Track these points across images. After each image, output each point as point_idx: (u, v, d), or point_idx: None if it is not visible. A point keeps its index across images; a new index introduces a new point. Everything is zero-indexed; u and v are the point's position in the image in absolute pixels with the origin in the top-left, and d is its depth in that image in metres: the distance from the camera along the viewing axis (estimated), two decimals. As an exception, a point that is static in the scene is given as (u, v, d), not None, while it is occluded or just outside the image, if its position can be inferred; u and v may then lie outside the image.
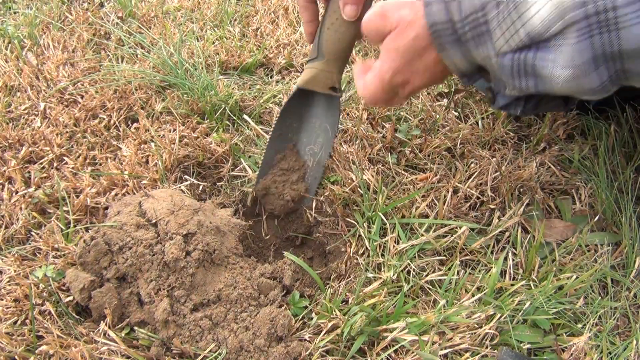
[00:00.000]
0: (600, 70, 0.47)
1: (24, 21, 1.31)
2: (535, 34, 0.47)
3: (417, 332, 0.68)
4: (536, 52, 0.49)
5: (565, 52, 0.47)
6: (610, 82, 0.48)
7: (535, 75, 0.50)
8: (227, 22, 1.35)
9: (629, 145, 1.00)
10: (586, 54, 0.46)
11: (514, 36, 0.49)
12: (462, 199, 0.89)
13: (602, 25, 0.44)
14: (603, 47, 0.45)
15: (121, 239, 0.71)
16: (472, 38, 0.53)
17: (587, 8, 0.43)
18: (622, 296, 0.79)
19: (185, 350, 0.68)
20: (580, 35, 0.45)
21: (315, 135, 0.89)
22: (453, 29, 0.54)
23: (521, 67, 0.51)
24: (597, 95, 0.50)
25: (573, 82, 0.48)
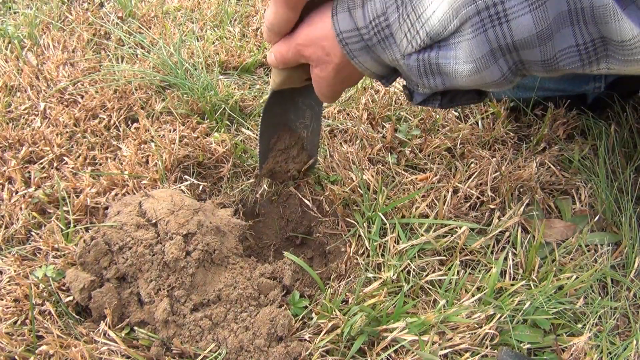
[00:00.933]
0: (500, 62, 0.49)
1: (24, 21, 1.31)
2: (435, 34, 0.49)
3: (417, 332, 0.68)
4: (438, 51, 0.51)
5: (464, 48, 0.49)
6: (511, 73, 0.50)
7: (441, 73, 0.53)
8: (227, 22, 1.35)
9: (629, 145, 1.00)
10: (483, 47, 0.48)
11: (416, 37, 0.51)
12: (462, 199, 0.89)
13: (494, 19, 0.46)
14: (498, 40, 0.47)
15: (121, 239, 0.71)
16: (377, 42, 0.55)
17: (478, 4, 0.45)
18: (622, 296, 0.79)
19: (185, 350, 0.68)
20: (475, 30, 0.47)
21: (302, 111, 0.87)
22: (359, 36, 0.56)
23: (427, 66, 0.53)
24: (501, 87, 0.53)
25: (476, 76, 0.51)
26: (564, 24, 0.44)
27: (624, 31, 0.42)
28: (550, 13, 0.43)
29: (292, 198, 0.92)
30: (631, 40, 0.42)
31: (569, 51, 0.46)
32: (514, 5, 0.44)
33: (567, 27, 0.44)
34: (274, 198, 0.92)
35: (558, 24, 0.44)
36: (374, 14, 0.54)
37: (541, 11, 0.44)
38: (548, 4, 0.43)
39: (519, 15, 0.44)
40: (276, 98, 0.81)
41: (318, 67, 0.64)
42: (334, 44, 0.59)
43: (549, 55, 0.47)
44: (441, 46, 0.50)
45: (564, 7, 0.43)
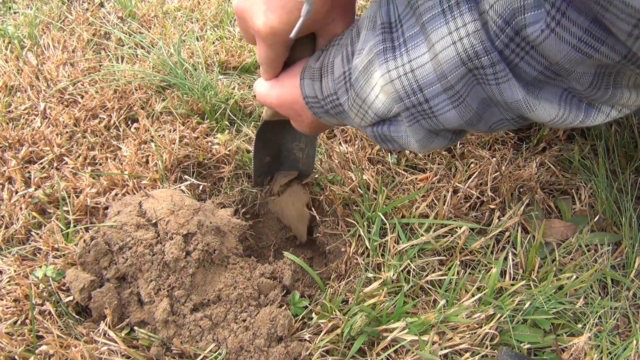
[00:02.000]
0: (441, 135, 0.53)
1: (24, 21, 1.31)
2: (382, 114, 0.53)
3: (417, 332, 0.68)
4: (390, 126, 0.55)
5: (405, 127, 0.53)
6: (457, 135, 0.54)
7: (396, 141, 0.57)
8: (227, 22, 1.35)
9: (629, 146, 1.00)
10: (420, 132, 0.52)
11: (366, 116, 0.55)
12: (462, 199, 0.89)
13: (422, 114, 0.49)
14: (431, 127, 0.51)
15: (121, 239, 0.71)
16: (335, 114, 0.59)
17: (405, 102, 0.49)
18: (622, 296, 0.79)
19: (185, 350, 0.68)
20: (409, 120, 0.51)
21: (297, 135, 0.88)
22: (321, 105, 0.60)
23: (382, 136, 0.57)
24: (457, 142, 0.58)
25: (426, 148, 0.55)
26: (489, 106, 0.47)
27: (542, 117, 0.44)
28: (472, 104, 0.47)
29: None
30: (552, 121, 0.45)
31: (501, 122, 0.49)
32: (438, 104, 0.47)
33: (492, 107, 0.47)
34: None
35: (483, 108, 0.47)
36: (327, 91, 0.58)
37: (464, 106, 0.47)
38: (468, 99, 0.46)
39: (445, 112, 0.48)
40: (269, 125, 0.82)
41: (293, 120, 0.69)
42: (303, 107, 0.63)
43: (484, 129, 0.51)
44: (392, 122, 0.54)
45: (483, 95, 0.46)
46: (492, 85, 0.44)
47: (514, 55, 0.41)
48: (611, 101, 0.44)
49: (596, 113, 0.45)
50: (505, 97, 0.44)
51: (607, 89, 0.42)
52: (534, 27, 0.37)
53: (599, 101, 0.44)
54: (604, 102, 0.44)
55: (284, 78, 0.65)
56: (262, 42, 0.59)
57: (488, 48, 0.41)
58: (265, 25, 0.55)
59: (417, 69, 0.46)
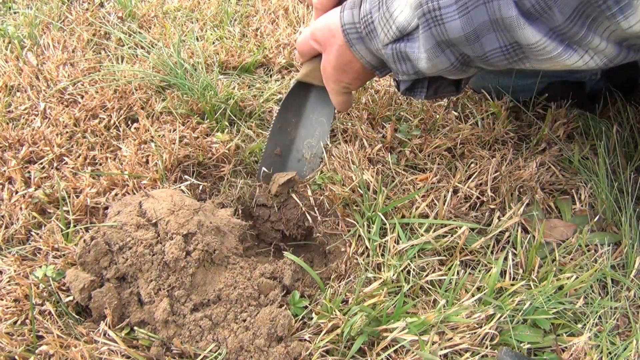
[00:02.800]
0: (446, 53, 0.63)
1: (24, 21, 1.31)
2: (402, 28, 0.65)
3: (417, 332, 0.68)
4: (406, 42, 0.67)
5: (420, 40, 0.64)
6: (459, 63, 0.65)
7: (409, 60, 0.68)
8: (227, 22, 1.35)
9: (629, 145, 1.00)
10: (430, 41, 0.63)
11: (389, 31, 0.67)
12: (462, 199, 0.89)
13: (435, 20, 0.60)
14: (439, 36, 0.61)
15: (121, 239, 0.71)
16: (366, 34, 0.71)
17: (423, 8, 0.60)
18: (622, 296, 0.79)
19: (185, 350, 0.68)
20: (423, 28, 0.62)
21: (312, 129, 0.94)
22: (355, 28, 0.73)
23: (398, 54, 0.69)
24: (459, 75, 0.69)
25: (430, 63, 0.66)
26: (488, 30, 0.58)
27: (527, 37, 0.55)
28: (474, 21, 0.57)
29: (292, 198, 0.91)
30: (535, 44, 0.56)
31: (495, 52, 0.60)
32: (448, 12, 0.59)
33: (490, 33, 0.58)
34: (274, 198, 0.92)
35: (482, 30, 0.58)
36: (364, 12, 0.71)
37: (467, 18, 0.58)
38: (472, 14, 0.57)
39: (451, 20, 0.59)
40: (296, 95, 0.91)
41: (325, 49, 0.80)
42: (339, 32, 0.75)
43: (480, 53, 0.61)
44: (408, 39, 0.66)
45: (485, 17, 0.57)
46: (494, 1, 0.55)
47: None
48: (584, 42, 0.54)
49: (572, 52, 0.56)
50: (503, 12, 0.55)
51: (582, 27, 0.53)
52: None
53: (574, 40, 0.54)
54: (578, 42, 0.55)
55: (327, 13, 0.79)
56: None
57: None
58: None
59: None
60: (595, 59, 0.56)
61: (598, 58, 0.56)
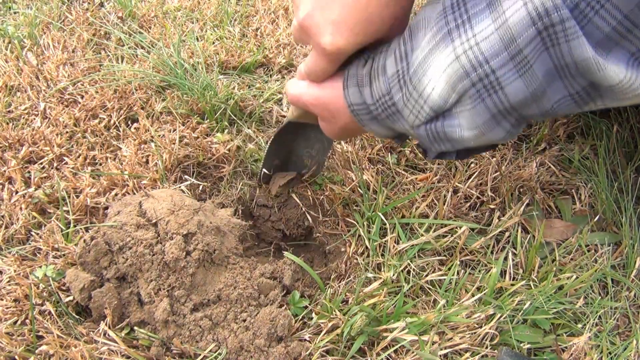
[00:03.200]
0: (502, 123, 0.53)
1: (24, 21, 1.31)
2: (438, 107, 0.53)
3: (417, 332, 0.68)
4: (444, 121, 0.54)
5: (466, 116, 0.52)
6: (514, 128, 0.54)
7: (449, 140, 0.56)
8: (227, 22, 1.35)
9: (629, 145, 1.00)
10: (484, 115, 0.51)
11: (421, 112, 0.55)
12: (462, 199, 0.89)
13: (488, 88, 0.49)
14: (496, 106, 0.50)
15: (121, 238, 0.71)
16: (386, 117, 0.60)
17: (471, 77, 0.49)
18: (622, 296, 0.79)
19: (185, 350, 0.68)
20: (473, 101, 0.51)
21: (311, 142, 0.89)
22: (368, 110, 0.61)
23: (435, 135, 0.57)
24: (509, 139, 0.56)
25: (482, 139, 0.54)
26: (554, 78, 0.47)
27: (609, 78, 0.44)
28: (539, 73, 0.47)
29: (292, 198, 0.92)
30: (619, 84, 0.45)
31: (564, 100, 0.49)
32: (505, 74, 0.47)
33: (557, 81, 0.47)
34: (274, 198, 0.92)
35: (548, 80, 0.47)
36: (379, 93, 0.58)
37: (530, 74, 0.47)
38: (535, 66, 0.46)
39: (511, 82, 0.48)
40: (290, 127, 0.83)
41: (324, 121, 0.70)
42: (341, 111, 0.64)
43: (546, 108, 0.50)
44: (446, 116, 0.54)
45: (550, 65, 0.46)
46: (562, 44, 0.44)
47: (589, 9, 0.42)
48: None
49: None
50: (575, 55, 0.44)
51: None
52: None
53: None
54: None
55: (323, 84, 0.66)
56: (323, 57, 0.61)
57: (558, 5, 0.42)
58: (332, 45, 0.58)
59: (483, 41, 0.47)
60: None
61: None
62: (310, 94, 0.67)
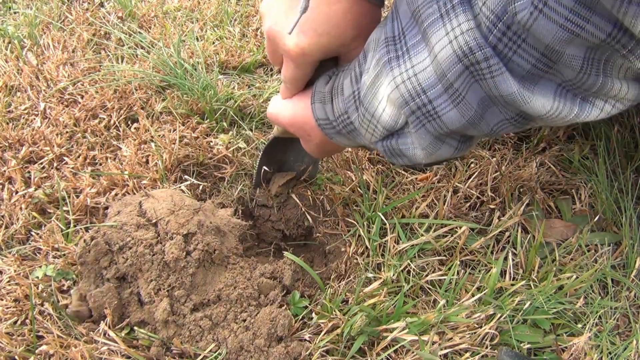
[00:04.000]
0: (448, 141, 0.55)
1: (24, 21, 1.31)
2: (390, 127, 0.56)
3: (417, 332, 0.68)
4: (398, 139, 0.58)
5: (413, 137, 0.56)
6: (463, 145, 0.56)
7: (404, 155, 0.59)
8: (227, 22, 1.35)
9: (629, 145, 1.00)
10: (427, 138, 0.54)
11: (376, 131, 0.58)
12: (462, 199, 0.89)
13: (427, 116, 0.52)
14: (436, 130, 0.53)
15: (121, 238, 0.71)
16: (347, 133, 0.63)
17: (410, 105, 0.51)
18: (622, 296, 0.79)
19: (185, 350, 0.68)
20: (415, 125, 0.53)
21: (301, 155, 0.90)
22: (332, 126, 0.64)
23: (392, 150, 0.60)
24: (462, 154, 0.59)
25: (431, 157, 0.57)
26: (488, 105, 0.49)
27: (536, 110, 0.46)
28: (472, 103, 0.48)
29: (291, 198, 0.92)
30: (547, 114, 0.47)
31: (503, 123, 0.51)
32: (441, 104, 0.50)
33: (492, 106, 0.49)
34: (274, 198, 0.92)
35: (483, 107, 0.49)
36: (339, 112, 0.61)
37: (464, 104, 0.49)
38: (467, 97, 0.48)
39: (447, 111, 0.50)
40: (277, 142, 0.85)
41: (302, 140, 0.72)
42: (313, 128, 0.67)
43: (487, 131, 0.52)
44: (399, 134, 0.57)
45: (482, 94, 0.48)
46: (487, 79, 0.46)
47: (507, 49, 0.43)
48: (603, 92, 0.45)
49: (590, 107, 0.46)
50: (501, 90, 0.45)
51: (597, 76, 0.43)
52: (523, 13, 0.40)
53: (591, 92, 0.45)
54: (596, 94, 0.45)
55: (298, 98, 0.68)
56: (290, 62, 0.63)
57: (481, 44, 0.43)
58: (297, 46, 0.59)
59: (420, 72, 0.49)
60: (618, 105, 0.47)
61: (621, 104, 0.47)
62: (285, 115, 0.70)
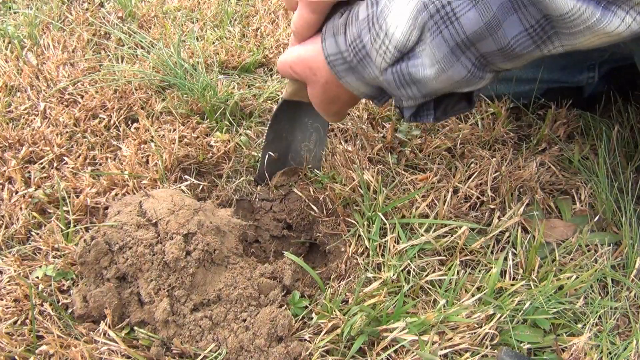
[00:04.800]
0: (462, 60, 0.54)
1: (24, 21, 1.31)
2: (402, 46, 0.55)
3: (417, 332, 0.68)
4: (408, 61, 0.56)
5: (427, 52, 0.54)
6: (476, 69, 0.55)
7: (414, 82, 0.58)
8: (227, 22, 1.35)
9: (629, 145, 1.01)
10: (443, 48, 0.53)
11: (387, 52, 0.57)
12: (462, 199, 0.89)
13: (445, 20, 0.51)
14: (453, 38, 0.52)
15: (121, 238, 0.71)
16: (358, 62, 0.61)
17: (429, 9, 0.51)
18: (622, 296, 0.79)
19: (185, 350, 0.68)
20: (432, 33, 0.52)
21: (308, 133, 0.90)
22: (343, 58, 0.62)
23: (401, 77, 0.58)
24: (474, 84, 0.58)
25: (443, 76, 0.56)
26: (509, 12, 0.48)
27: (559, 6, 0.46)
28: (491, 4, 0.48)
29: (293, 192, 0.91)
30: (569, 13, 0.46)
31: (521, 36, 0.50)
32: (460, 4, 0.50)
33: (512, 14, 0.49)
34: (275, 191, 0.92)
35: (503, 13, 0.49)
36: (351, 38, 0.60)
37: (483, 4, 0.49)
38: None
39: (466, 12, 0.50)
40: (285, 109, 0.84)
41: (308, 85, 0.71)
42: (321, 66, 0.65)
43: (503, 44, 0.51)
44: (410, 57, 0.56)
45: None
46: None
47: None
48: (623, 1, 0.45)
49: (612, 15, 0.46)
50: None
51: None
52: None
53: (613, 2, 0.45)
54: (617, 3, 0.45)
55: (307, 42, 0.68)
56: (306, 6, 0.64)
57: None
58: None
59: None
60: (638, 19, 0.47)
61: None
62: (293, 54, 0.69)
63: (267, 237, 0.89)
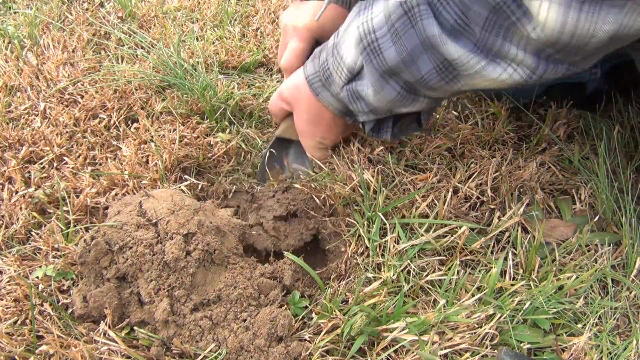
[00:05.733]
0: (391, 83, 0.68)
1: (24, 21, 1.31)
2: (351, 69, 0.71)
3: (417, 332, 0.68)
4: (357, 82, 0.72)
5: (367, 75, 0.69)
6: (406, 92, 0.69)
7: (361, 98, 0.73)
8: (227, 22, 1.35)
9: (629, 145, 1.00)
10: (374, 73, 0.67)
11: (342, 74, 0.72)
12: (462, 199, 0.89)
13: (374, 52, 0.65)
14: (380, 66, 0.66)
15: (121, 238, 0.71)
16: (326, 80, 0.76)
17: (363, 42, 0.66)
18: (622, 296, 0.79)
19: (185, 350, 0.68)
20: (366, 62, 0.67)
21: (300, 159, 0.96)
22: (318, 77, 0.78)
23: (352, 94, 0.73)
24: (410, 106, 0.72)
25: (379, 96, 0.70)
26: (421, 52, 0.62)
27: (451, 52, 0.59)
28: (407, 45, 0.62)
29: (295, 187, 0.91)
30: (459, 59, 0.59)
31: (431, 73, 0.63)
32: (384, 42, 0.64)
33: (423, 54, 0.61)
34: (278, 184, 0.92)
35: (416, 53, 0.62)
36: (322, 60, 0.76)
37: (400, 44, 0.62)
38: (404, 39, 0.62)
39: (387, 48, 0.64)
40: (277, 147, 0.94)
41: (294, 107, 0.84)
42: (303, 84, 0.80)
43: (418, 77, 0.64)
44: (357, 78, 0.71)
45: (416, 40, 0.61)
46: (418, 21, 0.59)
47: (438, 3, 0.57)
48: (503, 54, 0.56)
49: (495, 65, 0.58)
50: (427, 31, 0.59)
51: (497, 37, 0.55)
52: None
53: (494, 52, 0.57)
54: (498, 54, 0.57)
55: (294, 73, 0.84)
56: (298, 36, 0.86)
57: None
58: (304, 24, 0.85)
59: (374, 17, 0.64)
60: (519, 71, 0.57)
61: (521, 70, 0.57)
62: (283, 85, 0.84)
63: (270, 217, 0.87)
